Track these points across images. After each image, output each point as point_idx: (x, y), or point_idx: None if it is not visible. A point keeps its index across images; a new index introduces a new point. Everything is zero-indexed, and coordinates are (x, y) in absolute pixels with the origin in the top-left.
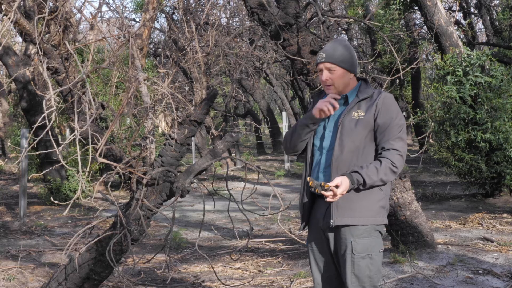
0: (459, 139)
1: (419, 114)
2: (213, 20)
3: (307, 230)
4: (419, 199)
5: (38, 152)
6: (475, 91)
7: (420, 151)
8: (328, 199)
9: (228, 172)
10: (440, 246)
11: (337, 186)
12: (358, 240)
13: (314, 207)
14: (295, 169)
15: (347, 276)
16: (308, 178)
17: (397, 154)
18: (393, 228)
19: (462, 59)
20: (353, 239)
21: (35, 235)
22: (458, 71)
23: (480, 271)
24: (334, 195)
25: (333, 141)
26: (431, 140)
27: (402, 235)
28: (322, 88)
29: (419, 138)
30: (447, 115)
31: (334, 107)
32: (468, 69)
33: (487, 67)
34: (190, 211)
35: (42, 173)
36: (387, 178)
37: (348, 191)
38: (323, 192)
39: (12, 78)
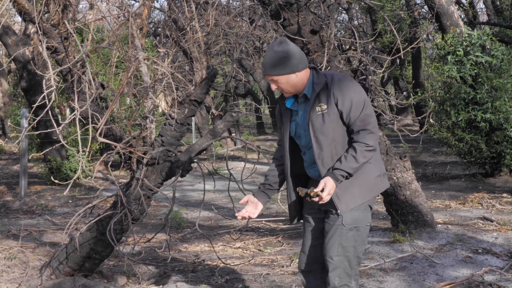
0: (460, 119)
1: (419, 94)
2: (213, 0)
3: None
4: (419, 179)
5: (38, 132)
6: (475, 71)
7: (420, 131)
8: (320, 203)
9: (228, 152)
10: (439, 225)
11: (323, 190)
12: (349, 213)
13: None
14: None
15: (334, 245)
16: (297, 189)
17: (367, 133)
18: (393, 208)
19: (463, 38)
20: (344, 213)
21: (36, 214)
22: (459, 50)
23: (480, 251)
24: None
25: (310, 140)
26: (431, 120)
27: (402, 215)
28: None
29: (419, 118)
30: (448, 95)
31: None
32: (468, 48)
33: (488, 46)
34: (190, 191)
35: (43, 152)
36: (367, 159)
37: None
38: (313, 199)
39: (12, 57)
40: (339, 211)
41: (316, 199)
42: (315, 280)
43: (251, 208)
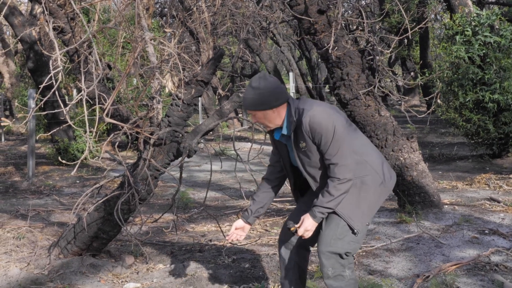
0: (467, 100)
1: (427, 75)
2: None
3: None
4: (426, 160)
5: (45, 112)
6: (484, 51)
7: (428, 111)
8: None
9: (235, 133)
10: (446, 206)
11: None
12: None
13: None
14: None
15: (327, 237)
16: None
17: (337, 167)
18: (399, 188)
19: (471, 18)
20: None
21: (44, 194)
22: (467, 30)
23: (486, 231)
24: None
25: (302, 171)
26: (438, 101)
27: (408, 195)
28: None
29: (426, 98)
30: (455, 75)
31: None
32: (477, 28)
33: (497, 26)
34: (197, 172)
35: (50, 133)
36: (343, 191)
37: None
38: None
39: (18, 38)
40: (355, 230)
41: (298, 234)
42: (287, 250)
43: (239, 231)
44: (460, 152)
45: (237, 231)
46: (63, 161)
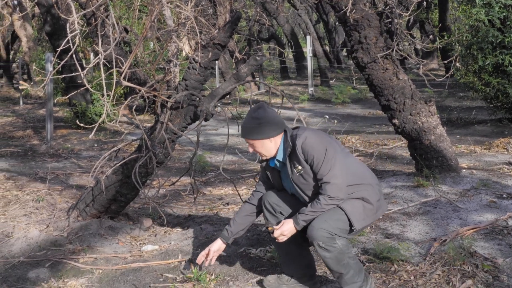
0: (486, 63)
1: (445, 38)
2: None
3: None
4: (444, 124)
5: (63, 76)
6: (504, 14)
7: (446, 75)
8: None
9: (251, 96)
10: (464, 170)
11: None
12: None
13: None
14: (319, 94)
15: (319, 218)
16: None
17: (328, 185)
18: (417, 153)
19: None
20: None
21: (62, 158)
22: None
23: (504, 196)
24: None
25: (300, 195)
26: (457, 64)
27: (426, 160)
28: None
29: (445, 62)
30: (475, 38)
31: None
32: None
33: None
34: (214, 135)
35: (67, 96)
36: (330, 206)
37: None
38: (271, 234)
39: (35, 1)
40: (353, 227)
41: (272, 235)
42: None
43: (215, 254)
44: (478, 116)
45: (214, 254)
46: (81, 125)
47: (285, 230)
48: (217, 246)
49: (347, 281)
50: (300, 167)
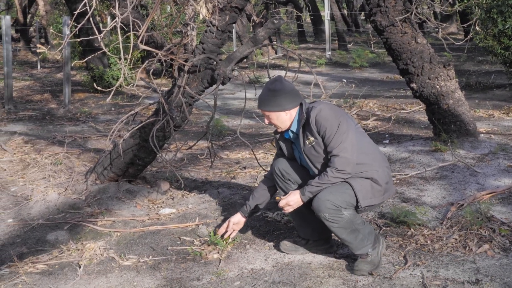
0: (506, 27)
1: (465, 1)
2: None
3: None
4: (462, 88)
5: (80, 39)
6: None
7: (465, 39)
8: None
9: (269, 60)
10: (482, 135)
11: None
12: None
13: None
14: (337, 58)
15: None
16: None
17: (337, 158)
18: (435, 117)
19: None
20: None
21: (80, 121)
22: None
23: None
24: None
25: (309, 167)
26: (477, 28)
27: (444, 124)
28: None
29: (464, 25)
30: (495, 1)
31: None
32: None
33: None
34: (231, 99)
35: (85, 60)
36: (338, 179)
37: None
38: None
39: None
40: (359, 204)
41: (279, 204)
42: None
43: (235, 227)
44: (497, 80)
45: (233, 227)
46: (99, 88)
47: (290, 200)
48: (237, 219)
49: (357, 245)
50: (312, 139)
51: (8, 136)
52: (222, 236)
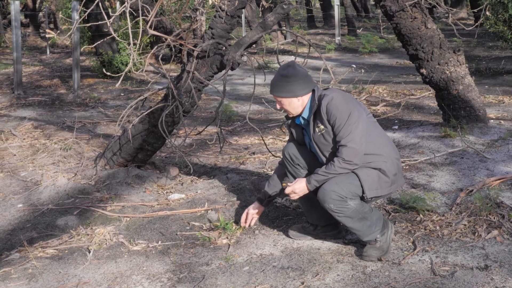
0: None
1: None
2: None
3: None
4: (472, 74)
5: (89, 24)
6: None
7: (475, 24)
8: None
9: (278, 46)
10: (492, 121)
11: None
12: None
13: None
14: (346, 43)
15: (331, 180)
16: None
17: (345, 148)
18: (445, 103)
19: None
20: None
21: (89, 107)
22: None
23: None
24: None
25: (318, 155)
26: (487, 13)
27: (453, 110)
28: None
29: (474, 10)
30: None
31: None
32: None
33: None
34: (240, 85)
35: (94, 45)
36: (345, 170)
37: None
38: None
39: None
40: (365, 195)
41: (285, 191)
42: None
43: (255, 215)
44: (507, 66)
45: (253, 216)
46: (108, 74)
47: (296, 188)
48: (255, 208)
49: (365, 232)
50: (322, 127)
51: (18, 121)
52: (237, 222)
